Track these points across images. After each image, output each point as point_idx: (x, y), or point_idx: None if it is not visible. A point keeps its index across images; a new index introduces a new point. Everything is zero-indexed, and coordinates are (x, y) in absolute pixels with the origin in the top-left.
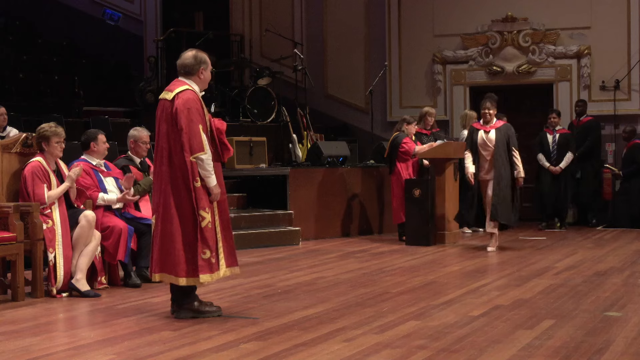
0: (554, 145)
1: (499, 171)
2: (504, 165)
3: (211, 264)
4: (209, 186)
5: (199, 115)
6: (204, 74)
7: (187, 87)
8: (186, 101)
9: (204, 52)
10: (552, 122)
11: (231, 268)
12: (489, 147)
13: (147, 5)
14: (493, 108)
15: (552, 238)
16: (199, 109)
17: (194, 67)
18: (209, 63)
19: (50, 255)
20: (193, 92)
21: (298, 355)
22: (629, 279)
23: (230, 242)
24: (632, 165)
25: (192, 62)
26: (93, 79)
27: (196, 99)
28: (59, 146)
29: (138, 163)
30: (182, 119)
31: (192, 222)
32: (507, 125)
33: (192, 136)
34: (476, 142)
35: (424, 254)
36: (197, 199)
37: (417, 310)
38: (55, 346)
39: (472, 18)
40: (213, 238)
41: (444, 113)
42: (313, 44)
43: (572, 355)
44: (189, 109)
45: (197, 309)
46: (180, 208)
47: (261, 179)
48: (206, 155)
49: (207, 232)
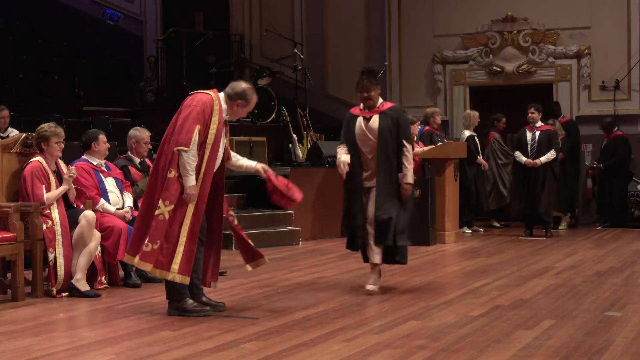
0: (533, 143)
1: (385, 175)
2: (392, 166)
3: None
4: (185, 184)
5: (202, 116)
6: (238, 108)
7: (209, 93)
8: (197, 100)
9: (255, 94)
10: (531, 118)
11: (183, 277)
12: (370, 141)
13: (147, 5)
14: (374, 86)
15: (552, 238)
16: (205, 111)
17: (234, 96)
18: (250, 105)
19: (50, 255)
20: (212, 97)
21: (298, 355)
22: (629, 279)
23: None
24: (612, 158)
25: (238, 92)
26: (93, 79)
27: (209, 102)
28: (58, 146)
29: (138, 163)
30: (183, 113)
31: (151, 208)
32: (396, 109)
33: (184, 130)
34: (353, 134)
35: (424, 254)
36: (164, 189)
37: (417, 310)
38: (55, 346)
39: (472, 18)
40: (162, 233)
41: (444, 113)
42: (313, 44)
43: (572, 355)
44: (195, 106)
45: (184, 308)
46: (150, 192)
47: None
48: (188, 152)
49: (157, 223)
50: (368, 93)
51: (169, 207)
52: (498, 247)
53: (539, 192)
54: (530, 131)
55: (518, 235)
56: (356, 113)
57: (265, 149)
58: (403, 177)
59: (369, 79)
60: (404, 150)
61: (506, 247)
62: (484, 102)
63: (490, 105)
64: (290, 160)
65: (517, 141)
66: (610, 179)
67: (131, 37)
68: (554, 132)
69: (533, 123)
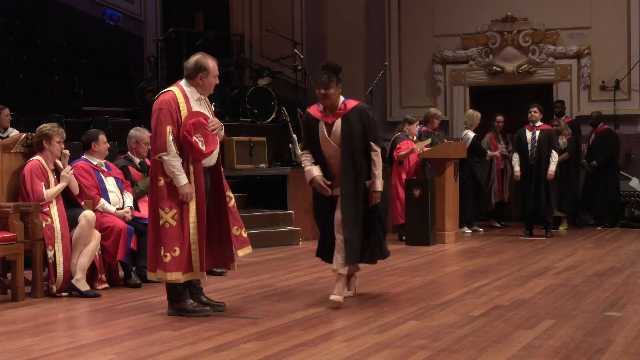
0: (533, 142)
1: (350, 186)
2: (359, 174)
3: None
4: (177, 186)
5: (169, 116)
6: (203, 81)
7: (170, 89)
8: (160, 102)
9: (211, 57)
10: (533, 117)
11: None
12: (334, 149)
13: (147, 5)
14: (334, 84)
15: (552, 238)
16: (171, 110)
17: (191, 73)
18: (211, 70)
19: (50, 252)
20: (173, 93)
21: (298, 355)
22: (629, 279)
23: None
24: (603, 153)
25: (191, 67)
26: (93, 79)
27: (172, 99)
28: (59, 146)
29: (137, 163)
30: (153, 119)
31: (157, 219)
32: (360, 109)
33: (158, 136)
34: (317, 141)
35: (424, 254)
36: (159, 198)
37: (417, 310)
38: (55, 346)
39: (472, 18)
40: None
41: (444, 113)
42: (313, 44)
43: (572, 355)
44: (160, 109)
45: (184, 308)
46: (151, 205)
47: (261, 179)
48: (168, 155)
49: (165, 231)
50: (326, 90)
51: (170, 212)
52: (498, 247)
53: (540, 192)
54: (530, 130)
55: (518, 235)
56: (317, 116)
57: (265, 149)
58: (371, 185)
59: (329, 75)
60: (372, 154)
61: (506, 247)
62: (484, 102)
63: (490, 105)
64: (290, 160)
65: (517, 141)
66: (604, 174)
67: (131, 37)
68: (554, 132)
69: (533, 122)
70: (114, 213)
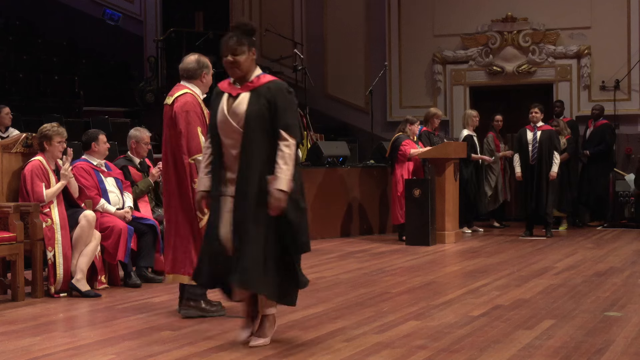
0: (534, 142)
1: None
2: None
3: None
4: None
5: (198, 118)
6: (206, 78)
7: (186, 91)
8: (184, 104)
9: (205, 56)
10: (534, 117)
11: None
12: (234, 131)
13: (147, 5)
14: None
15: (552, 238)
16: (197, 112)
17: (196, 72)
18: (211, 67)
19: (50, 253)
20: (192, 95)
21: (298, 355)
22: (629, 279)
23: None
24: (599, 145)
25: (194, 66)
26: (93, 79)
27: (195, 102)
28: (60, 146)
29: (137, 164)
30: (181, 122)
31: (193, 222)
32: (276, 85)
33: (191, 138)
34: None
35: (424, 254)
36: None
37: (417, 310)
38: (55, 346)
39: (472, 18)
40: None
41: (444, 113)
42: (313, 44)
43: (572, 355)
44: (187, 111)
45: (204, 309)
46: (186, 209)
47: None
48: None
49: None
50: (234, 56)
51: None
52: (498, 247)
53: (541, 192)
54: (531, 131)
55: (518, 235)
56: (224, 88)
57: None
58: (273, 180)
59: (239, 37)
60: (280, 145)
61: (506, 247)
62: (484, 102)
63: (490, 105)
64: None
65: (518, 141)
66: (594, 165)
67: (131, 37)
68: (555, 132)
69: (535, 123)
70: (114, 213)
